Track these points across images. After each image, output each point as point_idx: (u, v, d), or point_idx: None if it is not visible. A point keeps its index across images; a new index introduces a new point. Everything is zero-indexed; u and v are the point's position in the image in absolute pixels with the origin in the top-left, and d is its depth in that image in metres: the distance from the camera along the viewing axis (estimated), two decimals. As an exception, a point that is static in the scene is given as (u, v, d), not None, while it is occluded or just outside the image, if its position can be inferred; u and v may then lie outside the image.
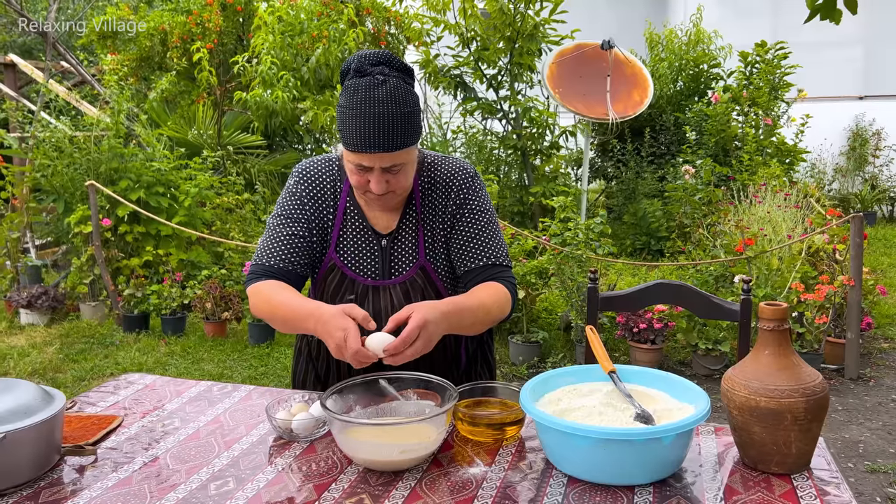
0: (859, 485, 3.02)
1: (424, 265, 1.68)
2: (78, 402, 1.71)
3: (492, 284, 1.66)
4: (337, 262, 1.68)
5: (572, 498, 1.24)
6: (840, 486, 1.26)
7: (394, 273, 1.68)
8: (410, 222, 1.68)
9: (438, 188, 1.69)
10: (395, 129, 1.49)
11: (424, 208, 1.69)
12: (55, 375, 4.44)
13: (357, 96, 1.50)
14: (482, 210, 1.71)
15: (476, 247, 1.68)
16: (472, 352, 1.87)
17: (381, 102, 1.48)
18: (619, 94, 6.84)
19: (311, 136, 7.91)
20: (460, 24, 6.72)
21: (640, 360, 4.33)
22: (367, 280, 1.67)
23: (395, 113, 1.49)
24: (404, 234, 1.68)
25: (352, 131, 1.50)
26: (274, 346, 4.92)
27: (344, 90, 1.54)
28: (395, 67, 1.54)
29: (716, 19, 9.00)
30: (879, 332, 4.90)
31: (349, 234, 1.69)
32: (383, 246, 1.68)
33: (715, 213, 6.01)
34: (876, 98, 9.47)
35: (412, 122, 1.52)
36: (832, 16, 2.51)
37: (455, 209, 1.69)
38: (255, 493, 1.28)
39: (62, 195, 5.69)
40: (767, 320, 1.33)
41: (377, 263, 1.68)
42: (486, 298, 1.61)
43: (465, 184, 1.70)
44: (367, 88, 1.49)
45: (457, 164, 1.72)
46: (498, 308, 1.63)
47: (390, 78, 1.51)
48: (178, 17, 7.38)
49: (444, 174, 1.70)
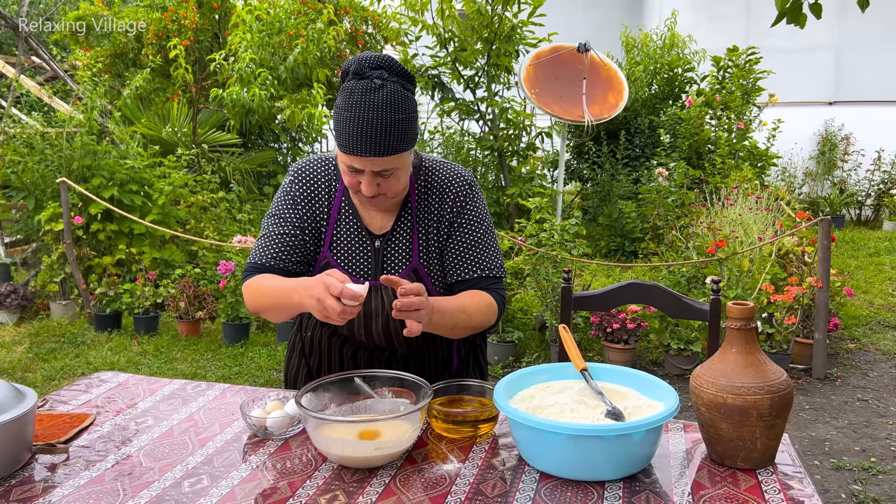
0: (825, 482, 3.09)
1: (417, 268, 1.68)
2: (49, 401, 1.70)
3: (478, 292, 1.68)
4: (331, 261, 1.69)
5: (544, 493, 1.26)
6: (803, 481, 1.29)
7: (386, 274, 1.68)
8: (405, 225, 1.68)
9: (435, 193, 1.69)
10: (387, 134, 1.49)
11: (420, 211, 1.69)
12: (24, 375, 4.37)
13: (353, 99, 1.49)
14: (479, 220, 1.72)
15: (470, 258, 1.69)
16: (465, 354, 1.88)
17: (376, 107, 1.48)
18: (594, 97, 6.90)
19: (288, 135, 7.87)
20: (438, 25, 6.73)
21: (614, 360, 4.38)
22: (359, 280, 1.68)
23: (390, 118, 1.48)
24: (398, 236, 1.68)
25: (345, 133, 1.50)
26: (248, 346, 4.89)
27: (342, 91, 1.53)
28: (394, 72, 1.52)
29: (690, 24, 9.13)
30: (846, 333, 5.00)
31: (343, 233, 1.69)
32: (376, 247, 1.68)
33: (688, 216, 6.10)
34: (845, 104, 9.66)
35: (407, 129, 1.51)
36: (798, 20, 2.58)
37: (452, 217, 1.69)
38: (229, 491, 1.28)
39: (33, 192, 5.61)
40: (735, 319, 1.36)
41: (370, 263, 1.68)
42: (470, 305, 1.63)
43: (462, 191, 1.70)
44: (364, 92, 1.48)
45: (455, 170, 1.72)
46: (481, 315, 1.65)
47: (388, 83, 1.50)
48: (154, 13, 7.30)
49: (442, 180, 1.70)
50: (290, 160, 7.99)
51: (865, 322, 5.25)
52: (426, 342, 1.76)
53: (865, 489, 3.01)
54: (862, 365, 4.47)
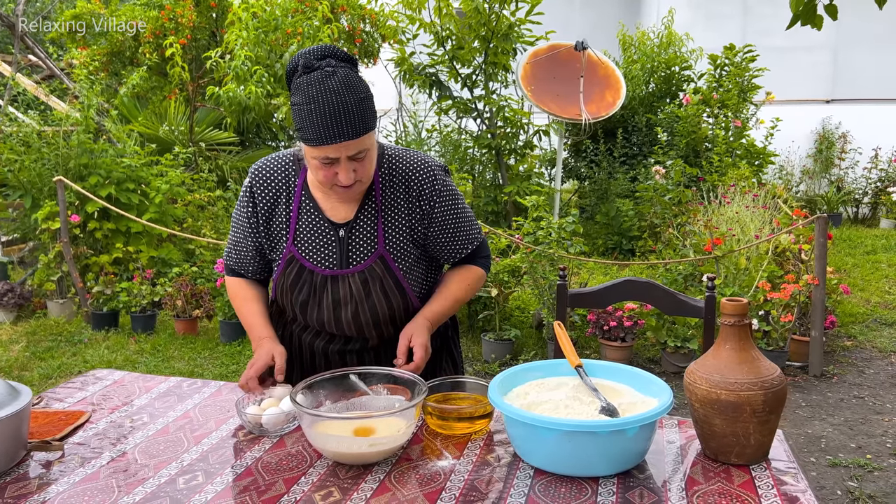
0: (821, 478, 3.09)
1: (384, 254, 1.69)
2: (45, 398, 1.70)
3: (464, 271, 1.84)
4: (295, 255, 1.70)
5: (538, 489, 1.27)
6: (797, 476, 1.30)
7: (352, 262, 1.69)
8: (369, 213, 1.69)
9: (398, 180, 1.71)
10: (354, 115, 1.51)
11: (385, 199, 1.70)
12: (21, 374, 4.37)
13: (311, 91, 1.51)
14: (452, 204, 1.75)
15: (455, 241, 1.79)
16: (438, 346, 1.89)
17: (336, 93, 1.50)
18: (592, 95, 6.91)
19: (285, 133, 7.86)
20: (435, 23, 6.73)
21: (611, 358, 4.38)
22: (325, 270, 1.69)
23: (352, 100, 1.51)
24: (362, 225, 1.69)
25: (313, 126, 1.51)
26: (245, 344, 4.89)
27: (295, 89, 1.55)
28: (340, 59, 1.56)
29: (687, 22, 9.13)
30: (843, 331, 5.01)
31: (305, 227, 1.70)
32: (341, 236, 1.69)
33: (685, 214, 6.10)
34: (842, 102, 9.66)
35: (368, 107, 1.55)
36: (813, 21, 2.55)
37: (425, 208, 1.71)
38: (224, 487, 1.28)
39: (29, 191, 5.60)
40: (729, 315, 1.37)
41: (335, 254, 1.69)
42: (461, 291, 1.82)
43: (428, 180, 1.71)
44: (320, 81, 1.51)
45: (418, 157, 1.74)
46: (471, 291, 1.84)
47: (339, 69, 1.53)
48: (151, 11, 7.29)
49: (405, 168, 1.71)
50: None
51: (862, 319, 5.26)
52: (397, 333, 1.75)
53: (861, 486, 3.02)
54: (858, 362, 4.48)
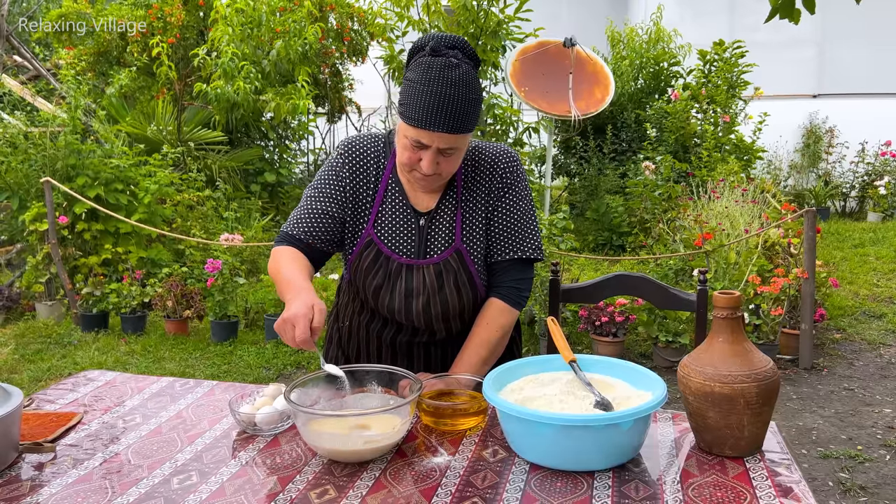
0: (812, 470, 3.11)
1: (460, 248, 1.68)
2: (36, 400, 1.69)
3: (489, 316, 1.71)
4: (374, 238, 1.68)
5: (534, 484, 1.27)
6: (791, 467, 1.30)
7: (429, 253, 1.68)
8: (449, 204, 1.69)
9: (482, 172, 1.71)
10: (461, 112, 1.51)
11: (466, 192, 1.70)
12: (10, 376, 4.33)
13: (430, 74, 1.51)
14: (521, 199, 1.73)
15: (508, 238, 1.72)
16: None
17: (453, 84, 1.50)
18: (581, 92, 6.92)
19: (275, 132, 7.83)
20: (424, 21, 6.72)
21: (603, 353, 4.40)
22: (402, 258, 1.68)
23: (465, 97, 1.51)
24: (442, 216, 1.69)
25: (419, 107, 1.51)
26: (237, 344, 4.87)
27: (415, 66, 1.55)
28: (467, 55, 1.57)
29: (675, 18, 9.15)
30: (832, 324, 5.05)
31: (388, 211, 1.69)
32: (421, 225, 1.68)
33: (675, 209, 6.13)
34: (829, 97, 9.72)
35: (476, 109, 1.55)
36: (791, 15, 2.57)
37: (498, 193, 1.70)
38: (218, 487, 1.28)
39: (16, 192, 5.55)
40: (721, 308, 1.37)
41: (413, 242, 1.68)
42: (491, 340, 1.70)
43: (510, 168, 1.72)
44: (442, 69, 1.51)
45: (501, 148, 1.74)
46: (504, 333, 1.73)
47: (463, 63, 1.53)
48: (138, 10, 7.24)
49: (489, 158, 1.71)
50: (277, 158, 7.94)
51: (851, 312, 5.30)
52: (465, 328, 1.75)
53: (852, 477, 3.04)
54: (848, 354, 4.52)
